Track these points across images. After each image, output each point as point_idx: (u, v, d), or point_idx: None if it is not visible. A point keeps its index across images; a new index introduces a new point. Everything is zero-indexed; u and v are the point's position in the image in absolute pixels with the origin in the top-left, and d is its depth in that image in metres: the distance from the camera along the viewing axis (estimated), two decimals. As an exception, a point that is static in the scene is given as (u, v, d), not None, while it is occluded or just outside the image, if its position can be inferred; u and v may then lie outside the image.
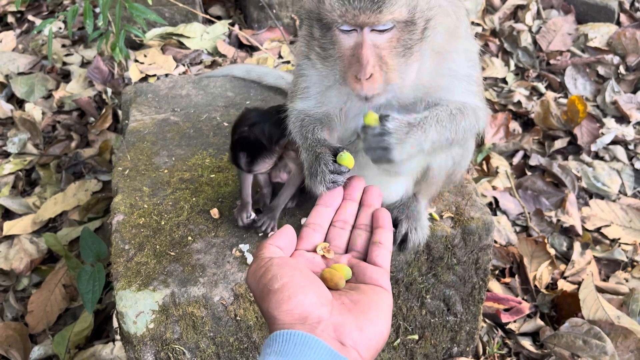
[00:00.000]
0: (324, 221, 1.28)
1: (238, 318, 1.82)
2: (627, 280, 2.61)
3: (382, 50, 1.37)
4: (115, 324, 2.36)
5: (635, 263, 2.70)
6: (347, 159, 1.42)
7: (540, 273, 2.60)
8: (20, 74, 3.86)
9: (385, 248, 1.21)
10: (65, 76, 3.89)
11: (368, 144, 1.43)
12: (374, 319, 1.06)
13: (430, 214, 1.99)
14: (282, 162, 1.92)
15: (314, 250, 1.23)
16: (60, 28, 4.24)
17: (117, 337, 2.34)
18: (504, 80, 3.76)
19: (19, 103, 3.74)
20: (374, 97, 1.41)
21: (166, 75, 3.59)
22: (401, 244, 1.89)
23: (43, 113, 3.60)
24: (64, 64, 3.95)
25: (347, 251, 1.25)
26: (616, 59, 3.68)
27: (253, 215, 1.92)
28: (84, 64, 3.94)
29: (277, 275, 1.07)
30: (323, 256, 1.22)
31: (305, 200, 2.01)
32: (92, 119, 3.51)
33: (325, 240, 1.26)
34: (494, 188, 3.03)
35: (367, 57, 1.34)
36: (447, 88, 1.56)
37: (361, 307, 1.08)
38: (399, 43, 1.38)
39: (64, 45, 4.10)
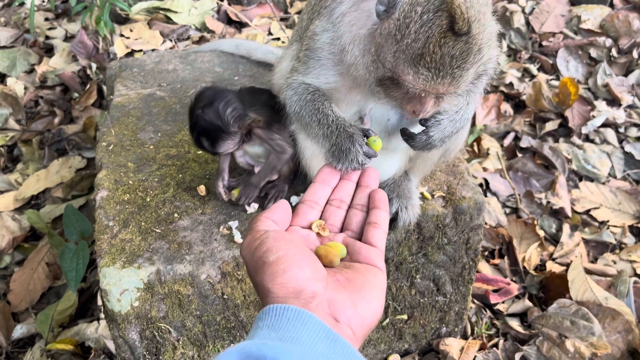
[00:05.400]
0: (320, 199, 1.26)
1: (225, 296, 1.79)
2: (615, 262, 2.62)
3: (439, 99, 1.46)
4: (99, 302, 2.32)
5: (623, 245, 2.71)
6: (379, 144, 1.45)
7: (529, 254, 2.60)
8: (1, 47, 3.74)
9: (381, 229, 1.19)
10: (48, 50, 3.78)
11: (416, 147, 1.61)
12: (368, 297, 1.05)
13: (422, 193, 1.96)
14: (252, 139, 1.84)
15: (309, 227, 1.20)
16: (43, 1, 4.11)
17: (102, 315, 2.30)
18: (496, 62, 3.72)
19: (1, 77, 3.63)
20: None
21: (153, 50, 3.50)
22: (391, 222, 1.86)
23: (25, 88, 3.49)
24: (47, 37, 3.83)
25: (342, 230, 1.24)
26: (608, 42, 3.65)
27: (225, 182, 1.89)
28: (68, 38, 3.82)
29: (273, 248, 1.05)
30: (318, 234, 1.20)
31: (295, 179, 1.98)
32: (76, 94, 3.42)
33: (320, 218, 1.24)
34: (485, 169, 3.01)
35: (428, 108, 1.45)
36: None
37: (356, 285, 1.06)
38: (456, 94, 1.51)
39: (47, 19, 3.98)
